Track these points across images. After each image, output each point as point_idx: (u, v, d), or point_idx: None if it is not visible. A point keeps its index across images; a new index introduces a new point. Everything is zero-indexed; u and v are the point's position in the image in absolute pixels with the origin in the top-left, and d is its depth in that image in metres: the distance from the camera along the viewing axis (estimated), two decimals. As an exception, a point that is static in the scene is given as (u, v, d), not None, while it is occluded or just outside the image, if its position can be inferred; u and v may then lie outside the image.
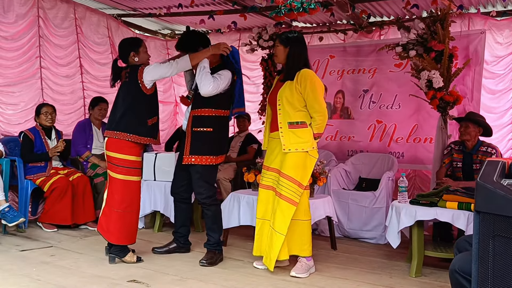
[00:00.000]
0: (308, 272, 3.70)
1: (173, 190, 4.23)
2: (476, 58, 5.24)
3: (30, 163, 5.01)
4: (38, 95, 5.74)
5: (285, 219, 3.60)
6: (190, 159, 3.91)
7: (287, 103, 3.68)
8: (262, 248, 3.78)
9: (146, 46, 3.98)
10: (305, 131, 3.67)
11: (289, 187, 3.62)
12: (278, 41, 3.79)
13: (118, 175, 3.80)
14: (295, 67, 3.71)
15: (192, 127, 3.94)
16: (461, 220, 3.65)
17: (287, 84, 3.71)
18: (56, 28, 5.88)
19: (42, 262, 3.78)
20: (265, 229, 3.77)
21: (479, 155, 4.48)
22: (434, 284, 3.61)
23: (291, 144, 3.65)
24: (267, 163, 3.83)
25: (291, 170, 3.63)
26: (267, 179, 3.80)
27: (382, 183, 5.09)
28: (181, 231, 4.26)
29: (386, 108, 5.85)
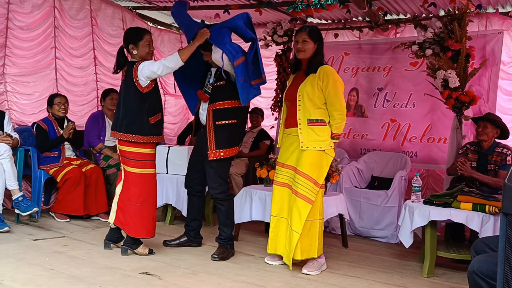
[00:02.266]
0: (319, 270, 3.69)
1: (187, 183, 4.23)
2: (493, 59, 5.19)
3: (44, 153, 5.04)
4: (52, 85, 5.77)
5: (301, 217, 3.58)
6: (219, 154, 3.87)
7: (307, 99, 3.64)
8: (277, 246, 3.75)
9: (150, 39, 3.82)
10: (323, 129, 3.65)
11: (305, 185, 3.60)
12: (308, 36, 3.69)
13: (133, 169, 3.80)
14: (319, 63, 3.70)
15: (214, 121, 3.89)
16: (475, 222, 3.63)
17: (309, 79, 3.67)
18: (71, 19, 5.90)
19: (55, 252, 3.81)
20: (281, 226, 3.74)
21: (494, 156, 4.45)
22: (446, 285, 3.59)
23: (309, 141, 3.62)
24: (282, 160, 3.79)
25: (308, 168, 3.61)
26: (282, 176, 3.76)
27: (395, 182, 5.06)
28: (192, 225, 4.26)
29: (401, 107, 5.81)
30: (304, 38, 3.69)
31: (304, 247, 3.62)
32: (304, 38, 3.69)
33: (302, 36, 3.71)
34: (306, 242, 3.62)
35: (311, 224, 3.62)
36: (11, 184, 4.46)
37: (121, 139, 3.77)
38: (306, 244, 3.62)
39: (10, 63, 5.41)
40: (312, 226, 3.63)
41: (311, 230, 3.63)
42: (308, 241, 3.63)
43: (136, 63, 3.74)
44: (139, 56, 3.81)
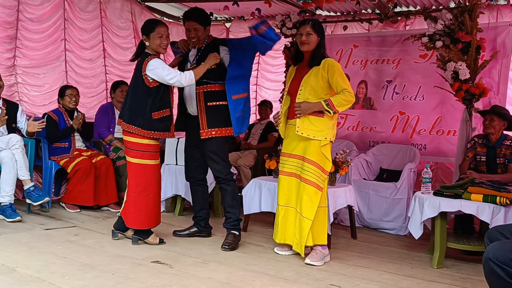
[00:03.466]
0: (323, 261, 3.68)
1: (188, 174, 4.24)
2: (504, 51, 5.16)
3: (55, 143, 5.07)
4: (62, 77, 5.81)
5: (312, 204, 3.64)
6: (210, 133, 3.91)
7: (310, 90, 3.68)
8: (286, 235, 3.78)
9: (162, 31, 3.77)
10: (320, 120, 3.66)
11: (314, 172, 3.65)
12: (312, 29, 3.72)
13: (132, 159, 3.80)
14: (323, 55, 3.76)
15: (205, 102, 3.92)
16: (485, 213, 3.62)
17: (313, 71, 3.71)
18: (80, 12, 5.93)
19: (66, 241, 3.84)
20: (289, 216, 3.78)
21: (502, 149, 4.43)
22: (456, 276, 3.59)
23: (305, 129, 3.66)
24: (288, 150, 3.82)
25: (316, 156, 3.65)
26: (289, 166, 3.79)
27: (404, 174, 5.06)
28: (201, 215, 4.28)
29: (410, 100, 5.79)
30: (308, 31, 3.72)
31: (316, 233, 3.68)
32: (308, 31, 3.72)
33: (306, 28, 3.74)
34: (317, 228, 3.68)
35: (321, 210, 3.69)
36: (22, 174, 4.50)
37: (124, 129, 3.80)
38: (317, 230, 3.68)
39: (21, 55, 5.45)
40: (322, 212, 3.70)
41: (321, 216, 3.70)
42: (319, 227, 3.69)
43: (148, 57, 3.74)
44: (151, 48, 3.82)
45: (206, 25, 4.04)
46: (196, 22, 3.98)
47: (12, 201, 4.41)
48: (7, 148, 4.48)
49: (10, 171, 4.42)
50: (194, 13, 4.06)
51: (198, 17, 4.02)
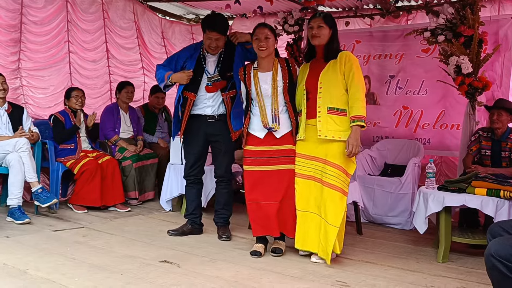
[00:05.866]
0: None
1: (190, 173, 4.26)
2: (506, 44, 5.16)
3: (61, 145, 5.12)
4: (67, 79, 5.85)
5: (338, 210, 3.51)
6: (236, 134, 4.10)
7: (331, 85, 3.54)
8: (306, 241, 3.66)
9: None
10: (344, 120, 3.55)
11: (339, 176, 3.51)
12: (323, 21, 3.61)
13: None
14: (337, 48, 3.65)
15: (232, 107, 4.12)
16: (490, 207, 3.65)
17: (331, 65, 3.58)
18: (83, 13, 5.96)
19: (75, 242, 3.89)
20: (309, 221, 3.65)
21: (508, 142, 4.45)
22: (461, 270, 3.62)
23: (328, 130, 3.53)
24: (306, 152, 3.66)
25: (340, 159, 3.51)
26: (307, 168, 3.64)
27: (408, 169, 5.08)
28: (197, 212, 4.33)
29: (413, 94, 5.80)
30: (319, 23, 3.61)
31: (340, 240, 3.59)
32: (319, 24, 3.61)
33: (317, 21, 3.63)
34: (341, 234, 3.59)
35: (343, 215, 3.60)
36: (30, 176, 4.55)
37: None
38: (341, 236, 3.58)
39: (25, 57, 5.49)
40: (344, 218, 3.60)
41: (343, 222, 3.60)
42: (342, 233, 3.60)
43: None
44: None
45: (226, 33, 4.11)
46: (220, 33, 4.00)
47: (20, 203, 4.46)
48: (14, 151, 4.52)
49: (18, 173, 4.48)
50: (218, 23, 4.03)
51: (221, 28, 4.02)
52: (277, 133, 3.75)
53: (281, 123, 3.74)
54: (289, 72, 3.79)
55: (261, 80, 3.79)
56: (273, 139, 3.77)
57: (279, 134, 3.75)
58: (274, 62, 3.80)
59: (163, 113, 6.36)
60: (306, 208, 3.66)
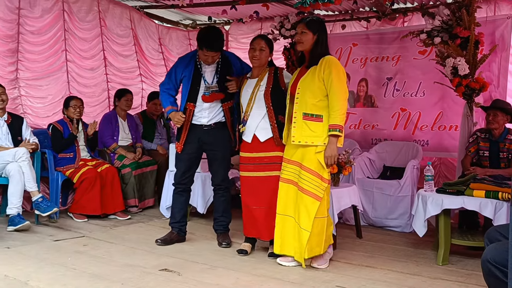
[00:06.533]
0: (327, 261, 3.66)
1: (182, 181, 4.24)
2: (503, 44, 5.18)
3: (60, 154, 5.13)
4: (65, 88, 5.86)
5: (309, 215, 3.51)
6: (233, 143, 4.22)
7: (307, 91, 3.54)
8: (283, 246, 3.66)
9: (255, 45, 3.96)
10: (319, 125, 3.53)
11: (312, 181, 3.52)
12: (306, 27, 3.59)
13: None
14: (322, 54, 3.60)
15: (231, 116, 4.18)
16: (488, 209, 3.66)
17: (311, 70, 3.58)
18: (80, 22, 5.97)
19: (76, 252, 3.89)
20: (286, 225, 3.66)
21: (506, 143, 4.46)
22: (461, 272, 3.62)
23: (302, 136, 3.54)
24: (288, 156, 3.69)
25: (313, 163, 3.52)
26: (288, 172, 3.67)
27: (407, 172, 5.08)
28: (184, 220, 4.33)
29: (410, 96, 5.82)
30: (302, 29, 3.61)
31: (313, 246, 3.54)
32: (302, 29, 3.61)
33: (300, 27, 3.64)
34: (314, 240, 3.54)
35: (319, 221, 3.54)
36: (30, 186, 4.56)
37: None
38: (314, 242, 3.54)
39: (23, 67, 5.50)
40: (320, 224, 3.55)
41: (319, 228, 3.54)
42: (316, 239, 3.54)
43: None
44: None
45: (223, 47, 4.14)
46: (216, 52, 4.01)
47: (20, 212, 4.47)
48: (14, 161, 4.53)
49: (18, 183, 4.49)
50: (215, 43, 3.97)
51: (218, 47, 4.01)
52: (260, 137, 3.87)
53: (261, 128, 3.85)
54: (275, 78, 3.89)
55: (247, 86, 3.96)
56: (261, 146, 3.88)
57: (262, 138, 3.87)
58: (264, 71, 3.95)
59: (161, 119, 6.37)
60: (284, 211, 3.68)
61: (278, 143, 3.85)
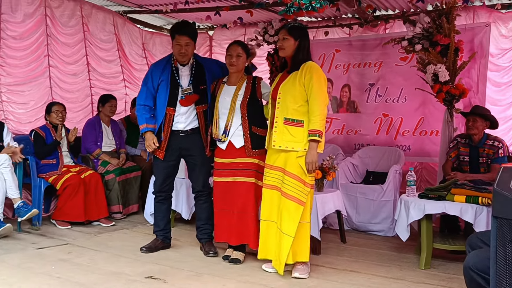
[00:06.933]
0: (308, 273, 3.62)
1: (162, 189, 4.21)
2: (481, 51, 5.28)
3: (43, 160, 5.09)
4: (47, 93, 5.80)
5: (293, 220, 3.51)
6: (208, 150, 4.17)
7: (289, 95, 3.56)
8: (268, 251, 3.68)
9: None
10: (300, 131, 3.55)
11: (295, 186, 3.53)
12: (287, 33, 3.61)
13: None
14: (303, 60, 3.62)
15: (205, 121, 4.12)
16: (469, 214, 3.74)
17: (292, 75, 3.59)
18: (63, 27, 5.92)
19: (60, 260, 3.86)
20: (271, 231, 3.66)
21: (485, 148, 4.55)
22: (443, 276, 3.69)
23: (283, 141, 3.56)
24: (270, 162, 3.69)
25: (296, 168, 3.53)
26: (271, 178, 3.67)
27: (390, 177, 5.15)
28: (168, 227, 4.31)
29: (392, 102, 5.90)
30: (284, 35, 3.63)
31: (297, 250, 3.54)
32: (284, 36, 3.63)
33: (282, 33, 3.66)
34: (299, 245, 3.53)
35: (303, 226, 3.55)
36: (12, 193, 4.50)
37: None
38: (298, 247, 3.54)
39: (5, 73, 5.43)
40: (304, 229, 3.55)
41: (303, 233, 3.55)
42: (300, 244, 3.54)
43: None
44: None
45: (195, 39, 4.12)
46: (189, 37, 4.02)
47: (1, 219, 4.41)
48: (-5, 168, 4.48)
49: (-1, 190, 4.44)
50: (187, 28, 4.07)
51: (190, 32, 4.05)
52: (236, 143, 3.90)
53: (237, 135, 3.89)
54: (253, 88, 3.91)
55: (224, 93, 3.97)
56: (236, 152, 3.90)
57: (237, 145, 3.90)
58: (241, 78, 3.96)
59: (145, 124, 6.33)
60: (268, 217, 3.69)
61: (249, 153, 3.87)
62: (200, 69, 4.12)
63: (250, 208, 3.86)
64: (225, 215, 3.95)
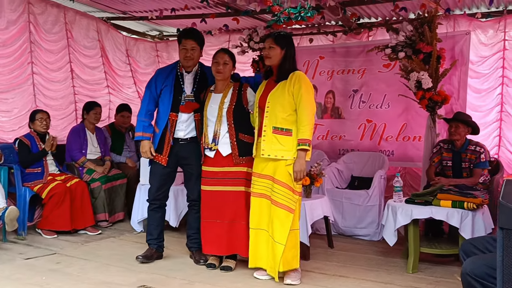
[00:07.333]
0: (299, 279, 3.65)
1: (157, 197, 4.18)
2: (462, 59, 5.41)
3: (28, 169, 5.03)
4: (31, 101, 5.74)
5: (284, 228, 3.54)
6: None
7: (278, 105, 3.59)
8: (258, 259, 3.70)
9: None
10: (289, 139, 3.58)
11: (285, 194, 3.56)
12: (274, 42, 3.64)
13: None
14: (291, 69, 3.66)
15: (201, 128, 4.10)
16: (455, 218, 3.84)
17: (281, 85, 3.62)
18: (46, 33, 5.86)
19: (49, 270, 3.82)
20: (260, 239, 3.69)
21: (468, 153, 4.67)
22: (431, 280, 3.77)
23: (272, 150, 3.58)
24: (258, 170, 3.71)
25: (285, 176, 3.56)
26: (259, 186, 3.69)
27: (375, 182, 5.24)
28: (162, 236, 4.27)
29: (376, 108, 6.00)
30: (270, 44, 3.66)
31: (288, 258, 3.57)
32: (270, 44, 3.66)
33: (268, 42, 3.69)
34: (290, 253, 3.57)
35: (293, 234, 3.58)
36: (-3, 202, 4.45)
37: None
38: (289, 255, 3.57)
39: (-13, 80, 5.37)
40: (293, 236, 3.59)
41: (294, 240, 3.59)
42: (291, 252, 3.58)
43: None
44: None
45: (202, 45, 4.13)
46: (195, 41, 4.04)
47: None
48: (-21, 177, 4.42)
49: (-16, 200, 4.37)
50: (193, 32, 4.13)
51: (197, 37, 4.07)
52: (223, 152, 3.90)
53: (223, 142, 3.90)
54: (239, 95, 3.93)
55: (212, 101, 3.98)
56: (223, 160, 3.90)
57: (224, 153, 3.90)
58: (228, 85, 3.98)
59: (130, 132, 6.32)
60: (258, 225, 3.70)
61: (236, 161, 3.89)
62: (203, 77, 4.14)
63: (241, 216, 3.87)
64: (213, 226, 3.93)
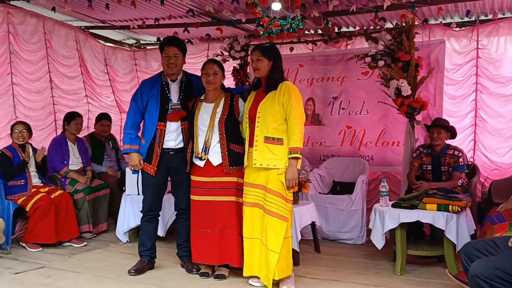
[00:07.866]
0: (294, 284, 3.71)
1: (152, 208, 4.16)
2: (437, 66, 5.62)
3: (10, 181, 4.93)
4: (11, 112, 5.64)
5: (278, 236, 3.57)
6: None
7: (268, 115, 3.64)
8: (252, 267, 3.72)
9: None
10: (280, 148, 3.63)
11: (278, 203, 3.59)
12: (261, 54, 3.70)
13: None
14: (279, 79, 3.72)
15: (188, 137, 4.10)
16: (441, 221, 3.98)
17: (270, 95, 3.67)
18: (25, 43, 5.78)
19: (40, 285, 3.77)
20: (254, 247, 3.71)
21: (447, 158, 4.85)
22: (419, 281, 3.90)
23: (264, 159, 3.62)
24: (250, 180, 3.74)
25: (278, 186, 3.60)
26: (252, 196, 3.72)
27: (357, 187, 5.37)
28: (154, 247, 4.26)
29: (355, 114, 6.16)
30: (258, 56, 3.71)
31: (284, 266, 3.61)
32: (258, 57, 3.71)
33: (255, 54, 3.73)
34: (284, 261, 3.61)
35: (287, 242, 3.62)
36: (-19, 217, 4.35)
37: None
38: (284, 263, 3.61)
39: (-33, 91, 5.25)
40: (288, 244, 3.64)
41: (287, 248, 3.63)
42: (285, 260, 3.63)
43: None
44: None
45: (184, 53, 4.14)
46: (178, 48, 4.05)
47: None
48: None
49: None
50: (176, 40, 4.17)
51: (179, 43, 4.09)
52: (213, 161, 3.92)
53: (214, 152, 3.92)
54: (231, 105, 3.98)
55: (203, 110, 3.99)
56: (214, 170, 3.92)
57: (215, 163, 3.92)
58: (219, 95, 4.02)
59: (110, 141, 6.28)
60: (252, 235, 3.73)
61: (226, 170, 3.91)
62: (189, 85, 4.15)
63: (233, 226, 3.89)
64: (203, 236, 3.94)
